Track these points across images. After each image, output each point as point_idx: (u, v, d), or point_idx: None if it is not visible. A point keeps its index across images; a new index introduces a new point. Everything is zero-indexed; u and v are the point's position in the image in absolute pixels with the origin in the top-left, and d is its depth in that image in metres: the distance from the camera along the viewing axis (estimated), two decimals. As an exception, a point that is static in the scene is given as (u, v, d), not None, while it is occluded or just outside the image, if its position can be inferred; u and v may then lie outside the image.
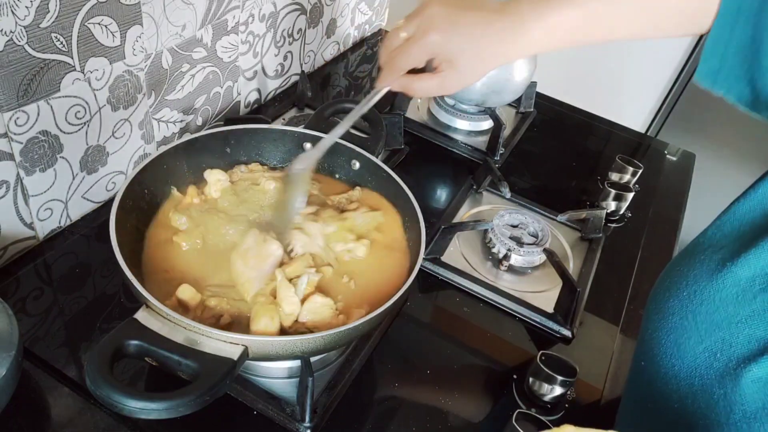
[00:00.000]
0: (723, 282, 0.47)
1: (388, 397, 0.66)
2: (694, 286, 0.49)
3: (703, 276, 0.49)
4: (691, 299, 0.49)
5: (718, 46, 0.53)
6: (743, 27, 0.51)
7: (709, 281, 0.48)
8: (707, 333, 0.47)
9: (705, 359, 0.47)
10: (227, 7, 0.87)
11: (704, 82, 0.55)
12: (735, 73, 0.53)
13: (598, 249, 0.92)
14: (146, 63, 0.77)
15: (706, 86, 0.55)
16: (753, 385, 0.43)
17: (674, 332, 0.49)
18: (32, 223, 0.72)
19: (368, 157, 0.76)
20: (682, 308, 0.49)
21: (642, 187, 1.05)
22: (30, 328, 0.65)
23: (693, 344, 0.48)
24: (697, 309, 0.48)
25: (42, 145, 0.68)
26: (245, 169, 0.76)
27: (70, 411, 0.58)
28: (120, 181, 0.82)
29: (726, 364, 0.45)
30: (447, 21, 0.56)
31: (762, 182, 0.48)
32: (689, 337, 0.48)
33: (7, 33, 0.58)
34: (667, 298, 0.51)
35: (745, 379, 0.44)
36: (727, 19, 0.51)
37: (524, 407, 0.67)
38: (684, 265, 0.52)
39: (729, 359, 0.45)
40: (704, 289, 0.48)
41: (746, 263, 0.46)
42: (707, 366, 0.46)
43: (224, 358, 0.50)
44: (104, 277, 0.72)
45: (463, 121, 1.13)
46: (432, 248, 0.84)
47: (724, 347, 0.46)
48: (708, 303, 0.47)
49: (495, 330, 0.77)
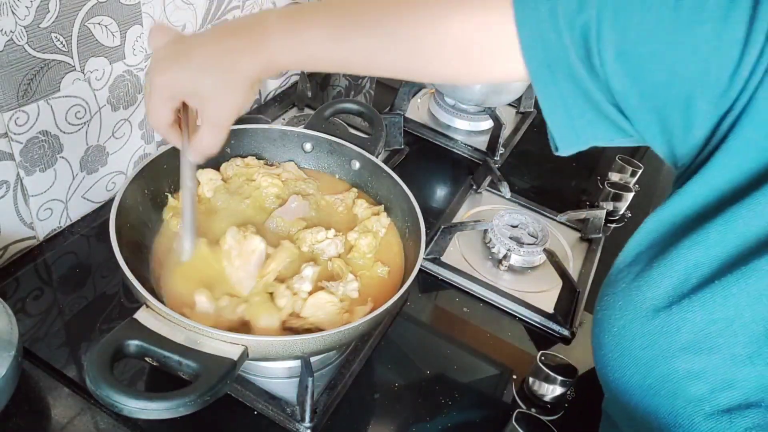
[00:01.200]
0: (644, 310, 0.43)
1: (388, 398, 0.66)
2: (622, 319, 0.45)
3: (627, 306, 0.45)
4: (622, 335, 0.45)
5: (554, 104, 0.47)
6: (566, 81, 0.45)
7: (633, 311, 0.44)
8: (647, 370, 0.43)
9: (651, 397, 0.43)
10: (227, 7, 0.87)
11: (567, 145, 0.49)
12: (591, 118, 0.46)
13: (598, 249, 0.92)
14: (146, 63, 0.77)
15: (571, 148, 0.49)
16: (706, 422, 0.40)
17: (617, 370, 0.45)
18: (32, 223, 0.72)
19: (368, 157, 0.76)
20: (617, 345, 0.45)
21: (642, 187, 1.05)
22: (30, 328, 0.65)
23: (636, 382, 0.44)
24: (631, 345, 0.44)
25: (42, 145, 0.68)
26: (241, 163, 0.75)
27: (70, 411, 0.58)
28: (120, 181, 0.82)
29: (672, 402, 0.42)
30: (172, 59, 0.51)
31: (672, 198, 0.44)
32: (632, 375, 0.44)
33: (7, 33, 0.58)
34: (602, 333, 0.47)
35: (697, 417, 0.41)
36: (544, 75, 0.45)
37: (524, 407, 0.68)
38: (609, 294, 0.47)
39: (674, 396, 0.42)
40: (631, 321, 0.44)
41: (656, 283, 0.43)
42: (656, 405, 0.43)
43: (224, 358, 0.50)
44: (104, 277, 0.72)
45: (463, 121, 1.13)
46: (432, 248, 0.84)
47: (666, 384, 0.42)
48: (640, 337, 0.43)
49: (495, 330, 0.77)
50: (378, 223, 0.71)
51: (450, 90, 1.09)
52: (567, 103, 0.46)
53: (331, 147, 0.78)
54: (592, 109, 0.45)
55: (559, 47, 0.43)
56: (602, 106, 0.45)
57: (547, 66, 0.45)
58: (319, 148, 0.79)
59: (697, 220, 0.42)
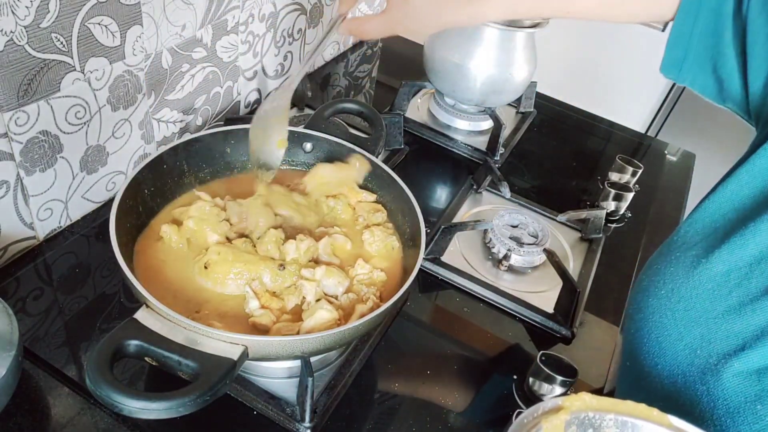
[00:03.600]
0: (698, 278, 0.47)
1: (388, 397, 0.66)
2: (671, 284, 0.49)
3: (679, 273, 0.49)
4: (668, 297, 0.49)
5: (682, 35, 0.53)
6: (706, 16, 0.51)
7: (685, 278, 0.48)
8: (686, 330, 0.47)
9: (686, 356, 0.47)
10: (227, 7, 0.87)
11: (669, 73, 0.56)
12: (699, 64, 0.53)
13: (598, 249, 0.92)
14: (146, 63, 0.77)
15: (671, 77, 0.56)
16: (734, 379, 0.44)
17: (655, 331, 0.49)
18: (32, 223, 0.72)
19: (368, 157, 0.76)
20: (660, 307, 0.49)
21: (642, 187, 1.05)
22: (30, 328, 0.65)
23: (673, 342, 0.48)
24: (675, 306, 0.48)
25: (42, 145, 0.68)
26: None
27: (70, 411, 0.58)
28: (120, 181, 0.82)
29: (707, 360, 0.45)
30: None
31: (729, 178, 0.49)
32: (669, 335, 0.48)
33: (7, 33, 0.58)
34: (646, 297, 0.51)
35: (726, 374, 0.44)
36: (691, 8, 0.52)
37: (524, 407, 0.67)
38: (660, 263, 0.52)
39: (709, 355, 0.45)
40: (681, 286, 0.48)
41: (720, 259, 0.46)
42: (689, 363, 0.47)
43: (224, 358, 0.50)
44: (104, 277, 0.72)
45: (463, 121, 1.13)
46: (432, 248, 0.84)
47: (703, 343, 0.46)
48: (685, 300, 0.48)
49: (495, 330, 0.77)
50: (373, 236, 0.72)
51: (450, 90, 1.09)
52: (691, 42, 0.53)
53: (331, 147, 0.78)
54: (709, 59, 0.52)
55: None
56: (725, 51, 0.50)
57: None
58: (319, 148, 0.79)
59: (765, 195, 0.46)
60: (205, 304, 0.60)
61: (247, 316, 0.60)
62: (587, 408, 0.33)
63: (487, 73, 1.02)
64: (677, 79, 0.56)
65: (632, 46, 1.81)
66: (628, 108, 1.90)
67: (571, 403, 0.33)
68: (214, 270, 0.61)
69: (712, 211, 0.49)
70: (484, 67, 1.02)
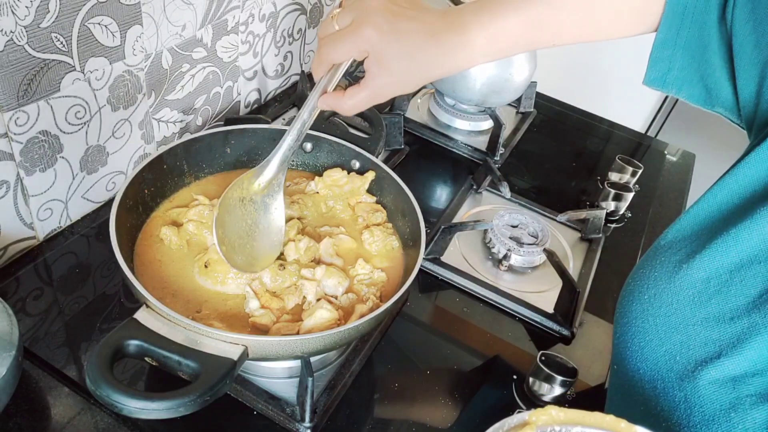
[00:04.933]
0: (680, 284, 0.47)
1: (388, 398, 0.66)
2: (654, 289, 0.49)
3: (662, 278, 0.49)
4: (651, 302, 0.49)
5: (665, 48, 0.53)
6: (689, 27, 0.51)
7: (667, 284, 0.48)
8: (667, 336, 0.47)
9: (666, 362, 0.46)
10: (227, 7, 0.87)
11: (653, 84, 0.56)
12: (685, 74, 0.53)
13: (598, 249, 0.92)
14: (146, 63, 0.77)
15: (656, 88, 0.56)
16: (709, 387, 0.43)
17: (638, 336, 0.49)
18: (32, 223, 0.72)
19: (368, 157, 0.76)
20: (643, 312, 0.49)
21: (642, 187, 1.05)
22: (30, 328, 0.65)
23: (654, 347, 0.47)
24: (657, 312, 0.48)
25: (42, 145, 0.68)
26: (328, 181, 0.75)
27: (70, 411, 0.58)
28: (120, 181, 0.82)
29: (685, 367, 0.45)
30: (386, 20, 0.52)
31: (717, 184, 0.48)
32: (651, 340, 0.48)
33: (7, 33, 0.58)
34: (631, 302, 0.51)
35: (702, 382, 0.44)
36: (674, 20, 0.52)
37: (524, 407, 0.67)
38: (646, 267, 0.51)
39: (687, 361, 0.45)
40: (663, 291, 0.48)
41: (701, 265, 0.46)
42: (668, 369, 0.46)
43: (224, 358, 0.50)
44: (104, 277, 0.72)
45: (463, 121, 1.13)
46: (432, 248, 0.84)
47: (682, 350, 0.45)
48: (667, 306, 0.47)
49: (495, 330, 0.77)
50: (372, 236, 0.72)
51: (450, 90, 1.09)
52: (675, 54, 0.53)
53: (331, 147, 0.78)
54: (695, 68, 0.52)
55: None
56: (711, 59, 0.50)
57: (683, 8, 0.51)
58: (319, 148, 0.79)
59: (749, 203, 0.45)
60: (205, 304, 0.60)
61: (247, 316, 0.60)
62: (554, 422, 0.33)
63: (487, 73, 1.02)
64: (662, 90, 0.56)
65: (632, 47, 1.80)
66: (628, 108, 1.90)
67: (537, 417, 0.33)
68: (214, 269, 0.61)
69: (698, 217, 0.49)
70: (484, 68, 1.02)
